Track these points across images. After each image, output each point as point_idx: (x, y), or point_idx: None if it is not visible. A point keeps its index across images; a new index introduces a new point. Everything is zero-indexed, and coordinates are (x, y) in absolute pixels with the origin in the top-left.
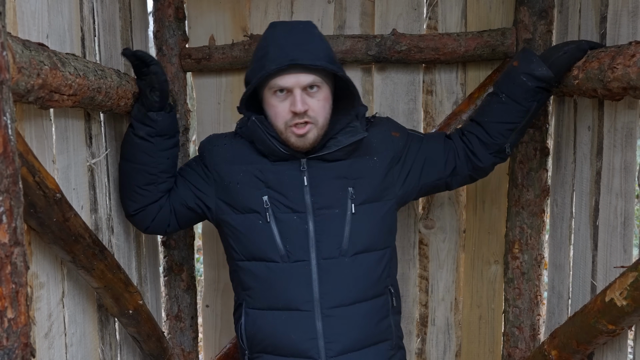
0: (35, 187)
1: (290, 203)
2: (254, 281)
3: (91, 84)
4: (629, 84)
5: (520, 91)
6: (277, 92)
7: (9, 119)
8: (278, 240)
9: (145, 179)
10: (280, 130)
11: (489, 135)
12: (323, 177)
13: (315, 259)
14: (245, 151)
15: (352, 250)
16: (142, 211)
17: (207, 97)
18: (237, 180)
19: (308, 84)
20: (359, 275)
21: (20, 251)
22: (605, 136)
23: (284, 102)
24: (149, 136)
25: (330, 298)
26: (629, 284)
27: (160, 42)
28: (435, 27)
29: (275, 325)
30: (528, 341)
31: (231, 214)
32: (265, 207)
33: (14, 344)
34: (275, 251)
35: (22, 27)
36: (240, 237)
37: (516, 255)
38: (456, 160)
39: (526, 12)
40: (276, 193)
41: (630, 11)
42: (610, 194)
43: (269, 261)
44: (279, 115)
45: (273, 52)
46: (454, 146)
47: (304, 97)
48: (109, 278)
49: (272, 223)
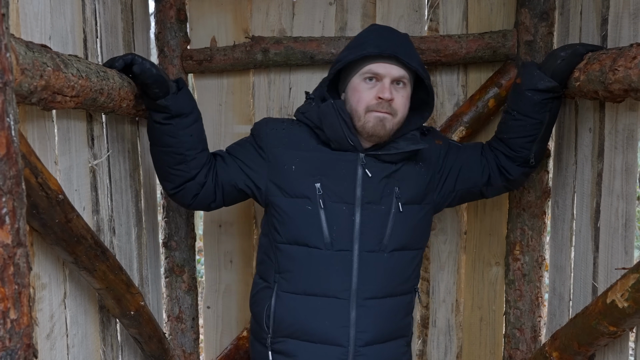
0: (38, 188)
1: (341, 193)
2: (293, 264)
3: (93, 85)
4: (630, 86)
5: (529, 106)
6: (367, 78)
7: (12, 120)
8: (325, 227)
9: (175, 160)
10: (360, 114)
11: (511, 150)
12: (375, 174)
13: (357, 250)
14: (304, 138)
15: (391, 246)
16: (182, 189)
17: (208, 99)
18: (293, 164)
19: (399, 76)
20: (393, 271)
21: (23, 252)
22: (607, 138)
23: (372, 89)
24: (166, 120)
25: (367, 289)
26: (630, 286)
27: (161, 44)
28: (437, 28)
29: (310, 311)
30: (529, 343)
31: (280, 196)
32: (318, 194)
33: (16, 344)
34: (320, 238)
35: (25, 29)
36: (286, 220)
37: (517, 257)
38: (490, 171)
39: (527, 14)
40: (329, 182)
41: (632, 13)
42: (612, 195)
43: (313, 247)
44: (363, 100)
45: (375, 41)
46: (489, 157)
47: (392, 88)
48: (111, 279)
49: (322, 210)
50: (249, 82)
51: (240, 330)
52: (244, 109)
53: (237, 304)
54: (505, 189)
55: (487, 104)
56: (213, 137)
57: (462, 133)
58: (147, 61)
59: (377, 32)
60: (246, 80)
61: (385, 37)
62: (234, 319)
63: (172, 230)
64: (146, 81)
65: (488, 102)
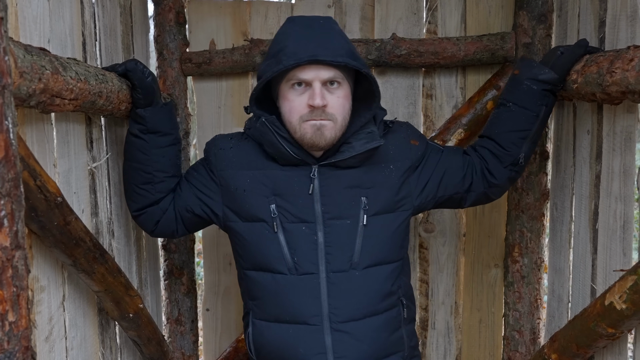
0: (37, 191)
1: (298, 212)
2: (260, 292)
3: (92, 88)
4: (627, 88)
5: (527, 97)
6: (294, 85)
7: (11, 123)
8: (286, 251)
9: (142, 178)
10: (295, 127)
11: (501, 147)
12: (335, 185)
13: (324, 272)
14: (253, 155)
15: (363, 263)
16: (144, 213)
17: (207, 101)
18: (244, 187)
19: (328, 78)
20: (370, 289)
21: (21, 255)
22: (605, 140)
23: (302, 96)
24: (141, 133)
25: (340, 312)
26: (629, 288)
27: (160, 47)
28: (435, 31)
29: (283, 338)
30: (528, 345)
31: (238, 221)
32: (273, 217)
33: (14, 347)
34: (283, 263)
35: (23, 32)
36: (246, 246)
37: (516, 259)
38: (473, 176)
39: (525, 17)
40: (284, 201)
41: (629, 16)
42: (610, 197)
43: (276, 272)
44: (294, 110)
45: (292, 46)
46: (471, 161)
47: (323, 92)
48: (110, 282)
49: (280, 233)
50: (247, 84)
51: (240, 332)
52: (242, 111)
53: (237, 306)
54: (486, 196)
55: (486, 106)
56: None
57: (460, 135)
58: (146, 68)
59: (292, 35)
60: (245, 83)
61: (301, 40)
62: (233, 322)
63: None
64: (133, 82)
65: (486, 104)
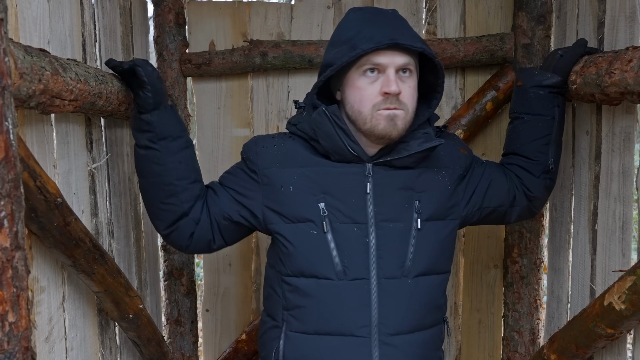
0: (37, 192)
1: (350, 212)
2: (302, 300)
3: (92, 89)
4: (626, 89)
5: (537, 103)
6: (367, 72)
7: (11, 124)
8: (334, 254)
9: (164, 192)
10: (366, 117)
11: (528, 159)
12: (388, 185)
13: (375, 277)
14: (300, 151)
15: (415, 270)
16: (175, 229)
17: (207, 102)
18: (290, 184)
19: (403, 64)
20: (420, 300)
21: (21, 255)
22: (604, 141)
23: (374, 83)
24: (151, 142)
25: (390, 324)
26: (628, 288)
27: (160, 48)
28: (434, 32)
29: (324, 353)
30: (527, 345)
31: (280, 223)
32: (322, 216)
33: (14, 347)
34: (331, 266)
35: (23, 33)
36: (290, 249)
37: (515, 260)
38: (515, 189)
39: (524, 18)
40: (335, 200)
41: (628, 16)
42: (609, 198)
43: (322, 278)
44: (366, 98)
45: (368, 31)
46: (510, 175)
47: (397, 79)
48: (109, 282)
49: (329, 234)
50: (247, 85)
51: (239, 333)
52: (242, 112)
53: (236, 307)
54: (529, 210)
55: (485, 107)
56: (212, 141)
57: (460, 136)
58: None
59: (365, 20)
60: (245, 84)
61: (377, 23)
62: (232, 322)
63: None
64: (143, 79)
65: (486, 105)
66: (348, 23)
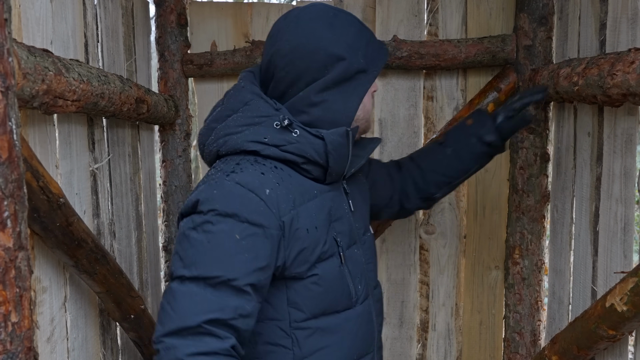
0: (39, 192)
1: (349, 234)
2: (323, 341)
3: (94, 89)
4: (628, 91)
5: (467, 151)
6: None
7: (14, 124)
8: (350, 281)
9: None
10: (370, 123)
11: (423, 181)
12: (357, 198)
13: (370, 292)
14: (300, 181)
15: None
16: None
17: (208, 103)
18: (308, 224)
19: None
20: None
21: (24, 255)
22: (605, 142)
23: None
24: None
25: (380, 331)
26: (629, 290)
27: (162, 48)
28: (436, 33)
29: None
30: (529, 347)
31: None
32: (339, 247)
33: (17, 347)
34: (348, 296)
35: (27, 34)
36: (314, 290)
37: (517, 261)
38: (393, 192)
39: (526, 19)
40: (339, 225)
41: (630, 18)
42: (610, 199)
43: (342, 311)
44: (368, 112)
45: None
46: (394, 177)
47: None
48: (111, 283)
49: (344, 263)
50: None
51: None
52: None
53: None
54: (396, 215)
55: (487, 108)
56: None
57: None
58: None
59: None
60: None
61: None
62: None
63: (172, 234)
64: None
65: (487, 106)
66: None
